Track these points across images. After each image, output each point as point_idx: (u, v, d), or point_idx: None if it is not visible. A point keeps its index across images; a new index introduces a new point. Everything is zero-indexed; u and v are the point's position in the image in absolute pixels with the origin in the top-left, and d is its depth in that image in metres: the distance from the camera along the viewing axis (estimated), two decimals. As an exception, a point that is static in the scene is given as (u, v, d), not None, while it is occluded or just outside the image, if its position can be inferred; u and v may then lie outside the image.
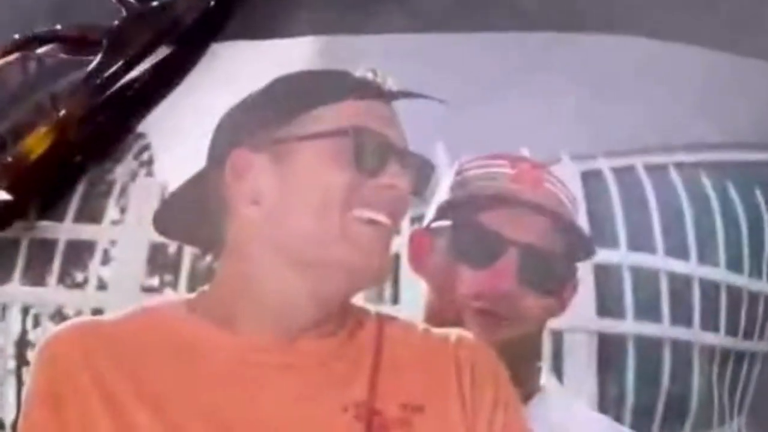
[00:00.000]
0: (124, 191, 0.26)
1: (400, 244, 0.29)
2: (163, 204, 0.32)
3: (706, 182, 0.25)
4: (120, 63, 0.73)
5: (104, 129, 0.68)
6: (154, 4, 0.60)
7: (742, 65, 0.26)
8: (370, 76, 0.33)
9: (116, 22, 0.55)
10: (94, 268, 0.25)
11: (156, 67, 0.69)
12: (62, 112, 0.64)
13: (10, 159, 0.32)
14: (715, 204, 0.24)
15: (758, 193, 0.24)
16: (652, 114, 0.25)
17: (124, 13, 0.72)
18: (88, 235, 0.25)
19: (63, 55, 0.83)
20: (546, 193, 0.32)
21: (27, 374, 0.37)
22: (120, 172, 0.27)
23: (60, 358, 0.36)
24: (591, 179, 0.24)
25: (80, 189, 0.28)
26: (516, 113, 0.25)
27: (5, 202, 0.37)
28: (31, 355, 0.27)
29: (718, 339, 0.26)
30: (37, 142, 0.33)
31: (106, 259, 0.25)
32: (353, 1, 0.27)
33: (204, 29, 0.72)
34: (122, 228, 0.26)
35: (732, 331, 0.26)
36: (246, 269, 0.33)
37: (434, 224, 0.32)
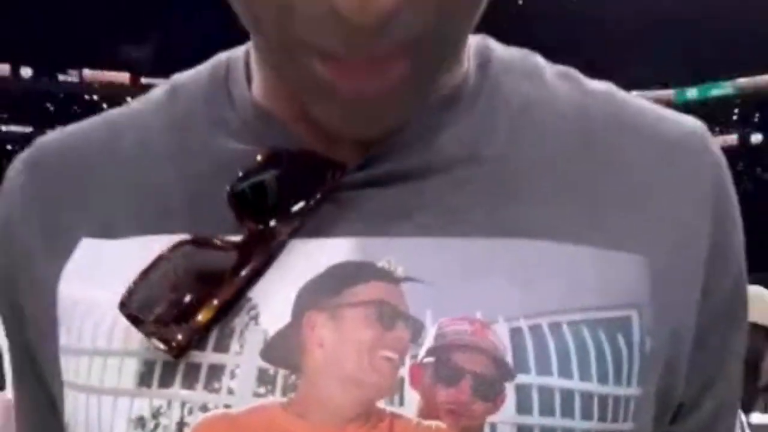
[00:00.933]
0: (242, 334, 0.43)
1: (404, 371, 0.48)
2: (266, 344, 0.47)
3: (586, 332, 0.42)
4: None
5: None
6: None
7: (600, 256, 0.44)
8: (386, 266, 0.45)
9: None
10: (226, 381, 0.42)
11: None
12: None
13: (185, 325, 0.49)
14: (590, 344, 0.42)
15: (619, 336, 0.42)
16: (555, 291, 0.43)
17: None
18: (221, 361, 0.42)
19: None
20: (490, 341, 0.50)
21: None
22: (237, 322, 0.45)
23: None
24: (515, 333, 0.42)
25: (215, 332, 0.46)
26: (473, 292, 0.45)
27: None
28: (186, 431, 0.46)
29: (593, 424, 0.46)
30: (209, 311, 0.51)
31: (232, 376, 0.43)
32: (372, 218, 0.46)
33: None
34: (242, 357, 0.43)
35: (602, 419, 0.46)
36: (313, 384, 0.46)
37: (424, 360, 0.51)
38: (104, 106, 27.56)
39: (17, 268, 0.47)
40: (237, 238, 0.41)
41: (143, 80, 26.59)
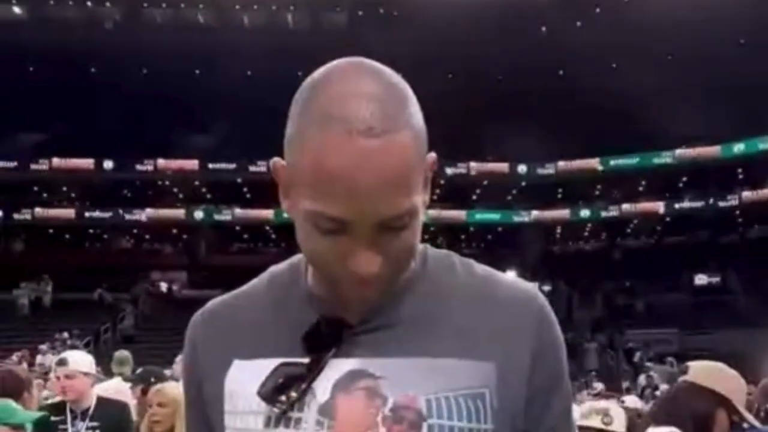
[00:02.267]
0: (309, 403, 0.82)
1: (379, 418, 0.77)
2: (319, 407, 0.81)
3: (461, 399, 0.80)
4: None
5: None
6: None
7: (471, 363, 0.85)
8: (373, 372, 0.82)
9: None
10: (303, 424, 0.83)
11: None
12: None
13: (288, 399, 0.86)
14: (463, 404, 0.79)
15: (479, 400, 0.80)
16: (448, 381, 0.81)
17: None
18: (300, 415, 0.81)
19: None
20: (417, 405, 0.81)
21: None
22: (308, 398, 0.83)
23: None
24: (428, 401, 0.81)
25: (299, 402, 0.83)
26: (410, 382, 0.83)
27: None
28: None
29: None
30: (297, 393, 0.85)
31: (306, 422, 0.82)
32: (365, 349, 0.87)
33: None
34: (310, 414, 0.82)
35: None
36: (341, 424, 0.81)
37: (387, 413, 0.79)
38: (175, 190, 29.81)
39: (203, 375, 0.91)
40: (305, 360, 0.83)
41: (210, 166, 28.88)
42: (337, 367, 0.83)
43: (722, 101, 26.00)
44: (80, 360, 3.66)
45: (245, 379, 0.86)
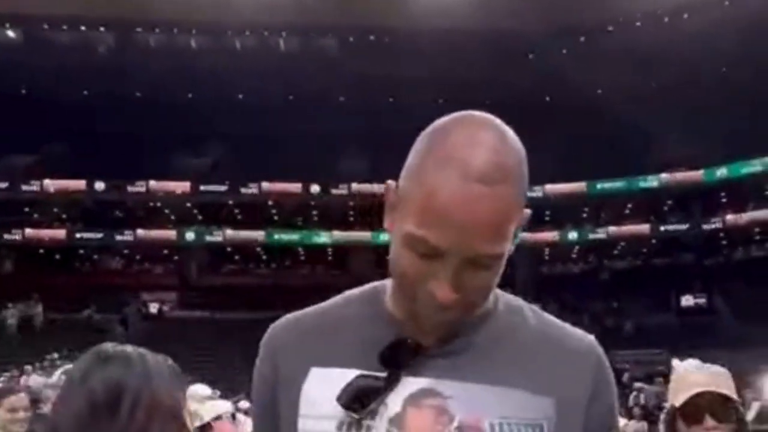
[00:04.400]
0: (382, 414, 0.89)
1: None
2: (389, 419, 0.87)
3: (522, 427, 0.88)
4: None
5: None
6: None
7: (533, 397, 0.92)
8: (442, 391, 0.89)
9: None
10: (375, 431, 0.90)
11: None
12: None
13: (364, 409, 0.90)
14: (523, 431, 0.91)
15: (537, 429, 0.88)
16: (513, 409, 0.88)
17: None
18: (373, 424, 0.88)
19: None
20: (482, 427, 0.86)
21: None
22: (381, 410, 0.90)
23: None
24: (492, 425, 0.88)
25: (372, 412, 0.90)
26: (476, 406, 0.91)
27: None
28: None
29: None
30: (374, 404, 0.91)
31: (377, 430, 0.88)
32: (437, 370, 0.94)
33: None
34: (381, 423, 0.88)
35: None
36: None
37: (454, 430, 0.86)
38: (166, 211, 29.85)
39: (281, 379, 0.96)
40: (382, 374, 0.89)
41: (202, 188, 28.99)
42: (410, 384, 0.89)
43: (705, 126, 26.59)
44: None
45: (322, 385, 0.92)
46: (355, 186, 27.43)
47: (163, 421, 1.19)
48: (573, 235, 28.81)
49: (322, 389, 0.91)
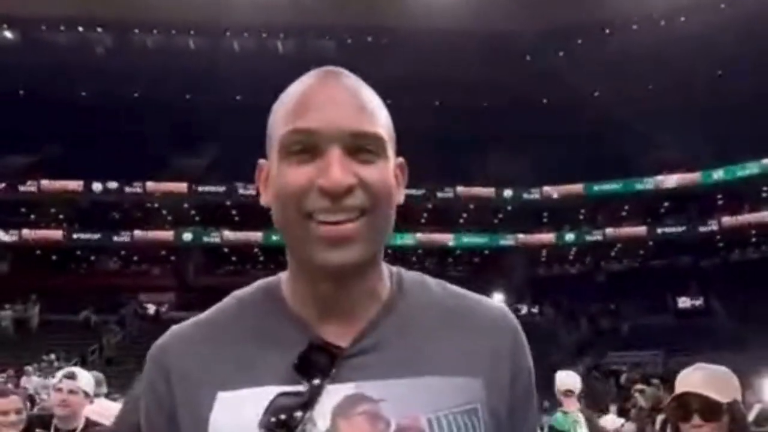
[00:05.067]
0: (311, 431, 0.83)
1: None
2: None
3: (459, 416, 0.82)
4: None
5: None
6: None
7: (462, 380, 0.87)
8: (371, 395, 0.81)
9: None
10: None
11: None
12: None
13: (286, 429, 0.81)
14: (461, 420, 0.80)
15: (473, 415, 0.83)
16: (444, 400, 0.83)
17: None
18: None
19: None
20: (419, 425, 0.80)
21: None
22: (309, 426, 0.82)
23: None
24: (429, 420, 0.81)
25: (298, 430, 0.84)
26: (408, 405, 0.83)
27: None
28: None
29: None
30: (296, 422, 0.81)
31: None
32: (356, 372, 0.86)
33: None
34: None
35: None
36: None
37: None
38: (164, 212, 29.82)
39: (178, 405, 0.85)
40: (301, 387, 0.80)
41: (199, 188, 28.95)
42: (333, 393, 0.81)
43: (701, 129, 26.70)
44: (87, 379, 3.59)
45: (234, 412, 0.82)
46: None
47: None
48: (570, 237, 28.86)
49: (235, 416, 0.81)
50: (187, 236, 27.49)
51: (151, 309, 25.51)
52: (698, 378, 1.99)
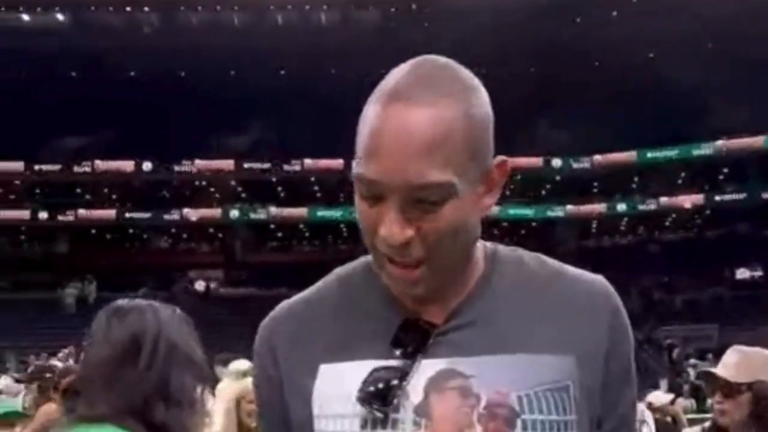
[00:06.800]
0: (404, 404, 0.83)
1: (474, 417, 0.79)
2: (414, 408, 0.82)
3: (549, 393, 0.83)
4: None
5: None
6: None
7: (554, 358, 0.85)
8: (462, 371, 0.83)
9: None
10: (400, 425, 0.83)
11: None
12: None
13: (383, 402, 0.87)
14: (551, 398, 0.81)
15: (564, 393, 0.81)
16: (535, 377, 0.82)
17: None
18: (397, 416, 0.84)
19: None
20: (509, 402, 0.81)
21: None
22: (402, 399, 0.86)
23: None
24: (519, 397, 0.81)
25: (394, 403, 0.86)
26: (500, 380, 0.83)
27: None
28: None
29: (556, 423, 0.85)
30: (391, 395, 0.88)
31: (403, 422, 0.82)
32: (451, 349, 0.88)
33: None
34: (406, 414, 0.84)
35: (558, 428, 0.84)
36: (436, 424, 0.81)
37: (482, 412, 0.81)
38: (211, 189, 30.34)
39: (285, 378, 0.90)
40: (397, 362, 0.84)
41: (245, 165, 29.32)
42: (427, 368, 0.84)
43: (764, 91, 25.22)
44: None
45: (335, 383, 0.86)
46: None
47: (180, 365, 1.33)
48: (622, 207, 27.98)
49: (336, 387, 0.86)
50: (234, 213, 27.94)
51: (201, 286, 26.17)
52: (726, 358, 2.28)
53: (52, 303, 25.05)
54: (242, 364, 3.99)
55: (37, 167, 27.72)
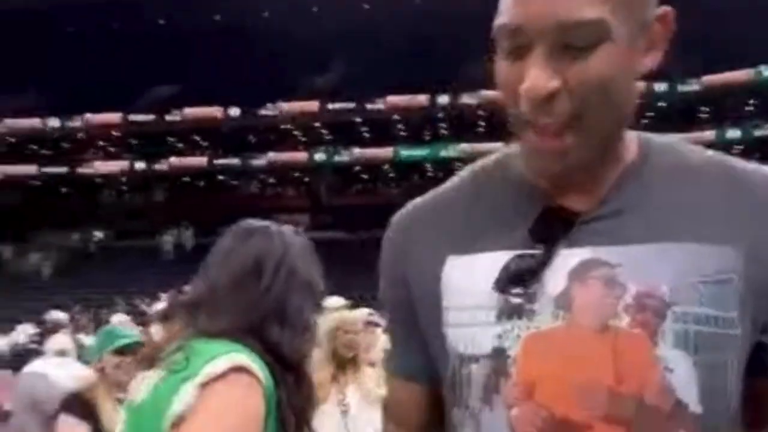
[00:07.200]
0: (542, 294, 0.81)
1: (620, 308, 0.73)
2: (553, 298, 0.77)
3: (711, 286, 0.79)
4: None
5: None
6: None
7: (715, 248, 0.81)
8: (608, 260, 0.77)
9: None
10: (536, 317, 0.80)
11: None
12: None
13: (519, 289, 0.83)
14: (711, 291, 0.78)
15: (726, 286, 0.78)
16: (694, 268, 0.77)
17: None
18: (533, 307, 0.83)
19: None
20: (659, 293, 0.74)
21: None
22: (538, 288, 0.83)
23: None
24: (673, 289, 0.76)
25: (530, 291, 0.84)
26: (649, 271, 0.78)
27: None
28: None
29: (716, 315, 0.79)
30: (531, 282, 0.85)
31: (539, 313, 0.81)
32: (596, 237, 0.84)
33: None
34: (543, 305, 0.83)
35: (718, 324, 0.79)
36: (577, 316, 0.77)
37: (629, 302, 0.74)
38: (296, 133, 30.33)
39: (412, 273, 0.87)
40: (537, 251, 0.78)
41: (329, 106, 28.99)
42: (569, 257, 0.78)
43: None
44: None
45: (467, 274, 0.82)
46: (484, 93, 25.90)
47: (299, 290, 1.38)
48: (734, 134, 25.52)
49: (466, 276, 0.82)
50: (320, 156, 27.83)
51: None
52: None
53: (152, 250, 26.17)
54: (336, 300, 4.12)
55: (131, 117, 28.54)
